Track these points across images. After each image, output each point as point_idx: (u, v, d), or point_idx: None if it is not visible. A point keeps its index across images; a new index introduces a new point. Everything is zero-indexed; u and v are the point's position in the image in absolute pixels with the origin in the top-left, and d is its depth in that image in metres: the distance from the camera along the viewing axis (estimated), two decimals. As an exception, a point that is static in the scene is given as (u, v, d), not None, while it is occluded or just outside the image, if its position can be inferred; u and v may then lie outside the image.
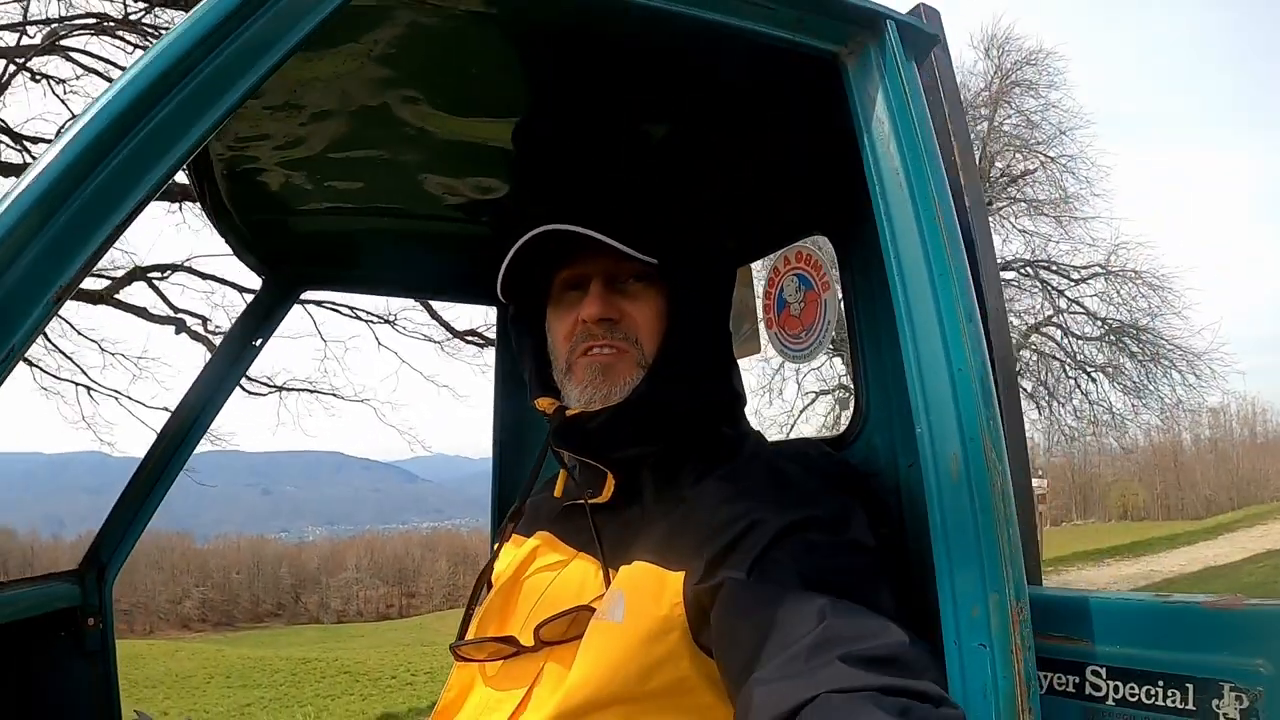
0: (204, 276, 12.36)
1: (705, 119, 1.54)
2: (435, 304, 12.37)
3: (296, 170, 1.70)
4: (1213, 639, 0.94)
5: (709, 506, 1.19)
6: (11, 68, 9.60)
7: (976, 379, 0.98)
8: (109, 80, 9.97)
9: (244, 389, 13.29)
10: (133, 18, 9.34)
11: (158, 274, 12.26)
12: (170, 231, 11.10)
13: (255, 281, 2.16)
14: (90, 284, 11.72)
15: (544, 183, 1.76)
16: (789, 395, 18.84)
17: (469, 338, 12.49)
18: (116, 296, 11.67)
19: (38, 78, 9.91)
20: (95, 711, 1.97)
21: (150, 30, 9.45)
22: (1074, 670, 1.03)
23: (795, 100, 1.40)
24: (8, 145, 9.88)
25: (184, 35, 0.84)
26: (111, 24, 9.45)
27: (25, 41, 9.63)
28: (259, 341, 2.13)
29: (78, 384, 12.94)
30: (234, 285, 12.09)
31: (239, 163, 1.65)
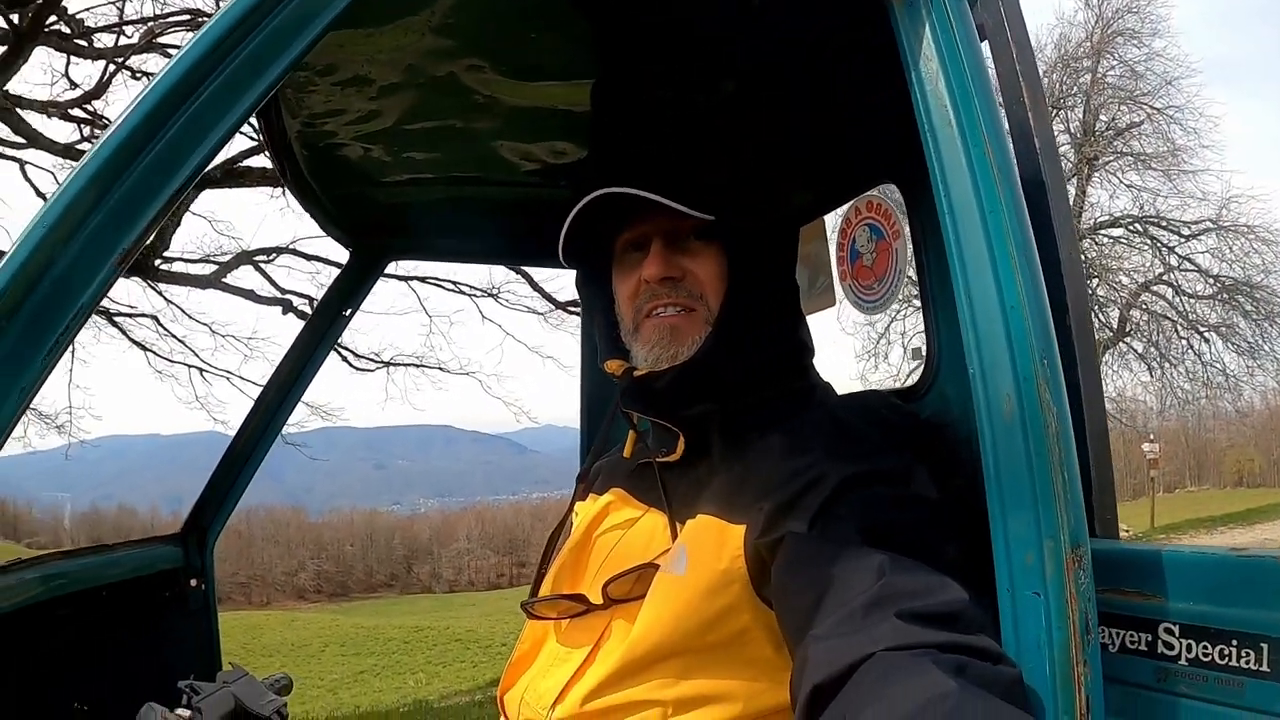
0: (308, 258, 12.74)
1: (765, 72, 1.52)
2: (537, 276, 12.52)
3: (373, 143, 1.74)
4: None
5: (771, 460, 1.19)
6: (111, 68, 10.01)
7: (1032, 317, 0.93)
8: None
9: (352, 365, 13.68)
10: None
11: (264, 257, 12.68)
12: (274, 215, 11.46)
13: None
14: (199, 269, 12.22)
15: (607, 144, 1.76)
16: (894, 359, 18.67)
17: (571, 308, 12.51)
18: (225, 280, 12.11)
19: (138, 75, 10.28)
20: (198, 667, 2.06)
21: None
22: (1147, 628, 0.98)
23: (856, 47, 1.37)
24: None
25: (221, 20, 0.91)
26: (204, 19, 9.73)
27: (123, 41, 10.03)
28: (349, 312, 2.19)
29: (190, 366, 13.51)
30: (338, 265, 12.38)
31: (317, 139, 1.70)
